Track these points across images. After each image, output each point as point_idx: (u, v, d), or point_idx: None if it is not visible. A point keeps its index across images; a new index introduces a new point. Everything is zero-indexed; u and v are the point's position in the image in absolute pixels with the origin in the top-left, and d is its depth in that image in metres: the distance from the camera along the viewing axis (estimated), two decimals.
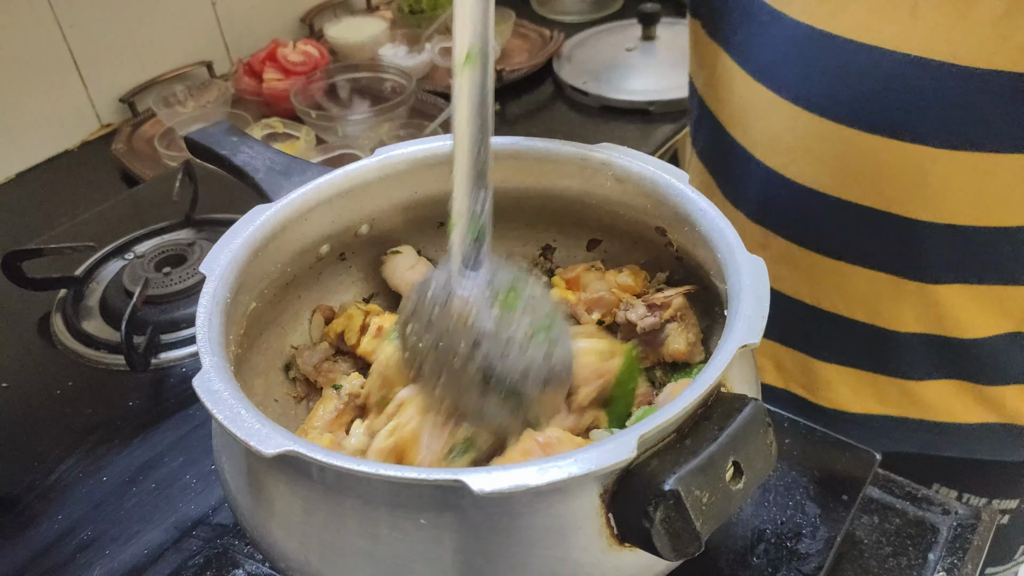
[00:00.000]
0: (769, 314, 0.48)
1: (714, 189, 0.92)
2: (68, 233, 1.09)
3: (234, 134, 0.73)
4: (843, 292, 0.82)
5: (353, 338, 0.65)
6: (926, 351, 0.80)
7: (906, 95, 0.68)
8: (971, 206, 0.71)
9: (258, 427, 0.45)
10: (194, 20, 1.46)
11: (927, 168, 0.70)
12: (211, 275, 0.56)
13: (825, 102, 0.73)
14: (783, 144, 0.78)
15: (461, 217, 0.53)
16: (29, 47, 1.24)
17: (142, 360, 0.85)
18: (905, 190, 0.72)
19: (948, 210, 0.71)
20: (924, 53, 0.66)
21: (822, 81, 0.72)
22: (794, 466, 0.69)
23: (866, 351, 0.84)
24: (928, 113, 0.67)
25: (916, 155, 0.69)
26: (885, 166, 0.71)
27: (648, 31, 1.45)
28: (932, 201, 0.72)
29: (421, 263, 0.70)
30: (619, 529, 0.45)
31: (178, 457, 0.76)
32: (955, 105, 0.66)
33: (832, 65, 0.71)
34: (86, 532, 0.70)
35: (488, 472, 0.41)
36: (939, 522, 0.67)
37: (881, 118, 0.70)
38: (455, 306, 0.51)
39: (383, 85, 1.37)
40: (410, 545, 0.45)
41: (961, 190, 0.70)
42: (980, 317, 0.77)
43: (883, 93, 0.69)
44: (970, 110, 0.66)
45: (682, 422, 0.46)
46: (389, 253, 0.70)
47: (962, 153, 0.68)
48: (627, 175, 0.64)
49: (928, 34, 0.65)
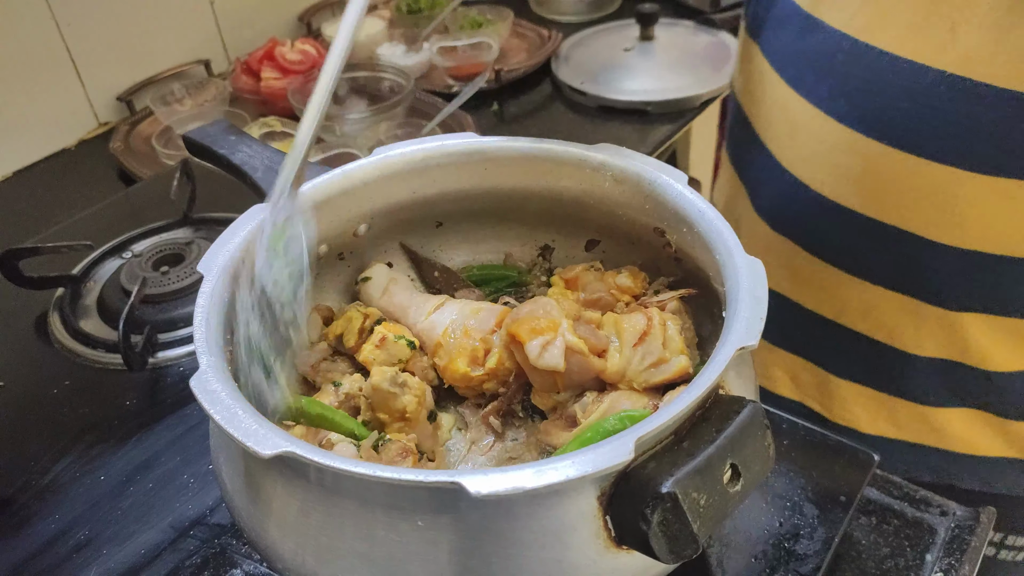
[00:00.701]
0: (788, 325, 0.48)
1: (742, 196, 0.91)
2: (65, 232, 1.09)
3: (232, 133, 0.73)
4: (864, 311, 0.80)
5: (352, 340, 0.65)
6: (945, 378, 0.79)
7: (939, 113, 0.66)
8: (996, 233, 0.69)
9: (255, 428, 0.45)
10: (192, 19, 1.45)
11: (953, 191, 0.68)
12: (209, 274, 0.56)
13: (856, 114, 0.71)
14: (810, 153, 0.77)
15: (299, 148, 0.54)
16: (26, 45, 1.24)
17: (139, 359, 0.85)
18: (929, 211, 0.70)
19: (972, 236, 0.70)
20: (961, 72, 0.64)
21: (855, 93, 0.71)
22: (792, 467, 0.69)
23: (883, 372, 0.82)
24: (959, 134, 0.66)
25: (943, 176, 0.68)
26: (911, 185, 0.70)
27: (646, 31, 1.45)
28: (956, 225, 0.70)
29: (393, 282, 0.69)
30: (616, 531, 0.45)
31: (175, 457, 0.76)
32: (988, 128, 0.65)
33: (867, 78, 0.70)
34: (82, 532, 0.70)
35: (485, 474, 0.41)
36: (937, 523, 0.67)
37: (912, 135, 0.68)
38: None
39: (381, 84, 1.37)
40: (406, 546, 0.45)
41: (987, 216, 0.68)
42: (1005, 350, 0.75)
43: (916, 110, 0.67)
44: (1003, 134, 0.65)
45: (680, 424, 0.46)
46: (360, 282, 0.70)
47: (991, 178, 0.66)
48: (625, 176, 0.64)
49: (966, 53, 0.64)
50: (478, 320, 0.64)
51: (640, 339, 0.58)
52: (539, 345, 0.58)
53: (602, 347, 0.59)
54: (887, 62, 0.68)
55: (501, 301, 0.69)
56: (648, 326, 0.58)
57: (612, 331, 0.60)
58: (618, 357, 0.58)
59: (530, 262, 0.74)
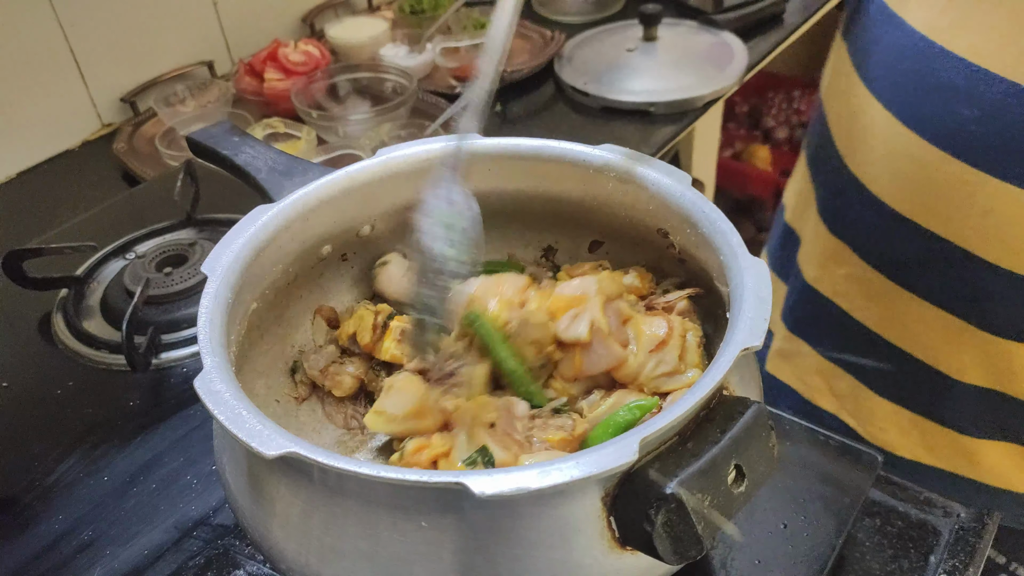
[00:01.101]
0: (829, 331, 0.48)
1: (810, 197, 0.89)
2: (69, 233, 1.09)
3: (236, 134, 0.73)
4: (907, 325, 0.78)
5: (367, 337, 0.65)
6: (986, 407, 0.76)
7: (1008, 127, 0.64)
8: None
9: (259, 428, 0.45)
10: (195, 20, 1.45)
11: (1011, 211, 0.66)
12: (212, 275, 0.56)
13: (924, 120, 0.70)
14: (875, 156, 0.75)
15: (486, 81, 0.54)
16: (30, 46, 1.24)
17: (143, 360, 0.85)
18: (984, 229, 0.68)
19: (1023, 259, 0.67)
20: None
21: (926, 97, 0.69)
22: (796, 468, 0.69)
23: (922, 394, 0.80)
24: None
25: (1002, 194, 0.66)
26: (969, 199, 0.68)
27: (649, 32, 1.45)
28: (1010, 246, 0.68)
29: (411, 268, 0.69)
30: (620, 532, 0.45)
31: (179, 457, 0.76)
32: None
33: (939, 83, 0.67)
34: (86, 532, 0.70)
35: (489, 474, 0.41)
36: (941, 525, 0.67)
37: (976, 148, 0.66)
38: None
39: (384, 85, 1.37)
40: (410, 547, 0.45)
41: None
42: None
43: (984, 121, 0.65)
44: None
45: (684, 425, 0.46)
46: (378, 266, 0.70)
47: None
48: (629, 177, 0.63)
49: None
50: (507, 282, 0.64)
51: (658, 347, 0.58)
52: (569, 317, 0.59)
53: (623, 340, 0.59)
54: (962, 69, 0.66)
55: None
56: (668, 335, 0.58)
57: (632, 331, 0.59)
58: (633, 358, 0.58)
59: (533, 263, 0.74)
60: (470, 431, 0.55)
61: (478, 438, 0.54)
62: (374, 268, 0.70)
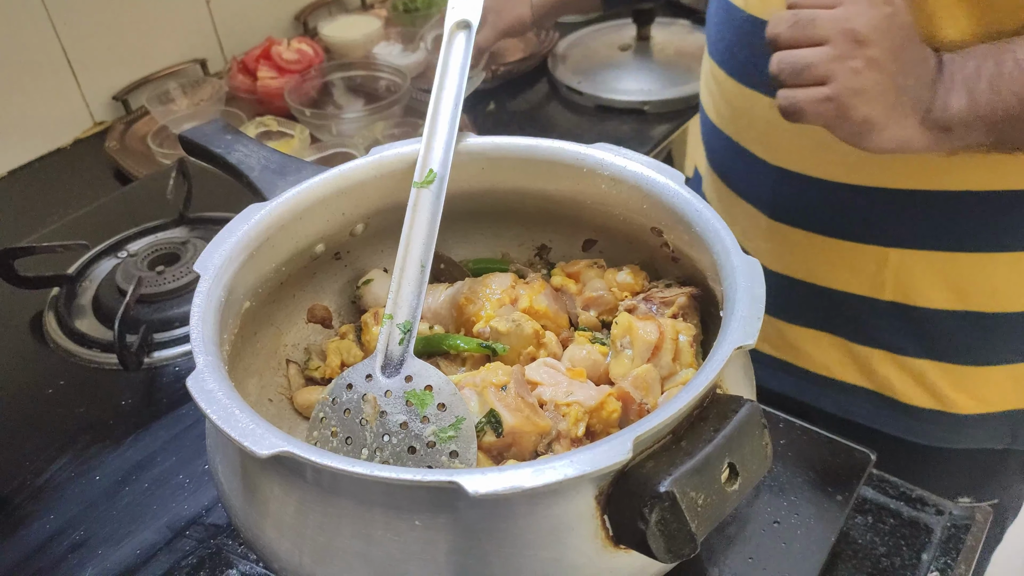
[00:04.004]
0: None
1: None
2: (61, 231, 1.09)
3: (228, 132, 0.73)
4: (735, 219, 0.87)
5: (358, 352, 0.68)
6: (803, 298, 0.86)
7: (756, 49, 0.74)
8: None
9: (252, 427, 0.45)
10: (188, 18, 1.45)
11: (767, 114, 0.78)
12: (205, 274, 0.55)
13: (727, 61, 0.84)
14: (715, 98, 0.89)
15: (400, 309, 0.59)
16: (22, 44, 1.23)
17: (135, 359, 0.85)
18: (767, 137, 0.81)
19: None
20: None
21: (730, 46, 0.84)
22: (789, 466, 0.69)
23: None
24: None
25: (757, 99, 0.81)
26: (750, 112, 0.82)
27: (643, 31, 1.45)
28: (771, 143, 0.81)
29: None
30: (614, 531, 0.45)
31: (171, 457, 0.76)
32: None
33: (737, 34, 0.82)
34: (78, 532, 0.70)
35: (483, 473, 0.41)
36: (933, 522, 0.67)
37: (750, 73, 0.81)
38: (366, 409, 0.55)
39: (377, 83, 1.37)
40: (404, 546, 0.45)
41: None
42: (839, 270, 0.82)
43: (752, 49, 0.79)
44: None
45: (678, 424, 0.46)
46: (362, 284, 0.71)
47: None
48: (622, 175, 0.64)
49: None
50: (495, 283, 0.67)
51: (652, 355, 0.59)
52: None
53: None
54: (744, 19, 0.79)
55: None
56: (660, 340, 0.59)
57: (626, 336, 0.60)
58: (628, 364, 0.59)
59: (527, 262, 0.74)
60: (480, 392, 0.55)
61: (487, 400, 0.55)
62: (358, 288, 0.71)
